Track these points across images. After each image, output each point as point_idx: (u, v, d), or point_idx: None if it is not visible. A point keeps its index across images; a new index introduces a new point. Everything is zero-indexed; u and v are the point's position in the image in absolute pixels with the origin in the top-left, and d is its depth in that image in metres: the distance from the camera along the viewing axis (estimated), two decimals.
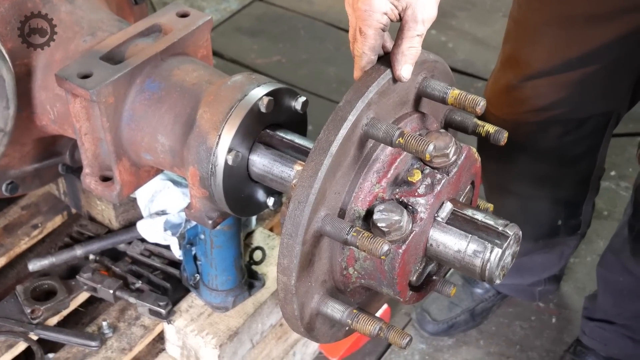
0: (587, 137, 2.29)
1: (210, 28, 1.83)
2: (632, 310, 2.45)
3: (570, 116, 2.21)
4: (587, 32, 2.04)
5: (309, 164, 1.34)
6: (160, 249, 2.32)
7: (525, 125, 2.24)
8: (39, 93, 1.88)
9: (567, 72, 2.12)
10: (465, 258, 1.45)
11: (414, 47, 1.39)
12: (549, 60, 2.13)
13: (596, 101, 2.19)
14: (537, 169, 2.36)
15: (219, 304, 2.20)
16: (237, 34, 4.17)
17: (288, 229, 1.35)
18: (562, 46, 2.10)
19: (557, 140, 2.27)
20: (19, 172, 2.09)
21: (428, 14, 1.38)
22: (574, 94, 2.15)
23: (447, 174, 1.45)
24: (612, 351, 2.60)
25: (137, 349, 2.21)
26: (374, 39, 1.39)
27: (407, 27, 1.38)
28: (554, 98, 2.18)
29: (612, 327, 2.52)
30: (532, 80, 2.18)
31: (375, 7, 1.36)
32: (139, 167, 1.80)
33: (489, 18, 4.29)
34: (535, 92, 2.19)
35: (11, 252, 2.33)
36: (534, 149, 2.30)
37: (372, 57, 1.41)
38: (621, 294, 2.44)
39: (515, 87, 2.23)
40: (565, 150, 2.30)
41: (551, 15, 2.08)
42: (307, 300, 1.45)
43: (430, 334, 2.79)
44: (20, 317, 2.17)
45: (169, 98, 1.69)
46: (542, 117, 2.23)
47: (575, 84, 2.13)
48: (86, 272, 2.23)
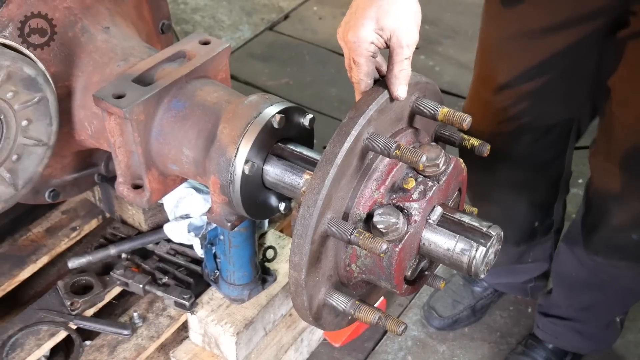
0: (555, 143, 2.27)
1: (228, 54, 1.83)
2: (582, 302, 2.43)
3: (537, 124, 2.19)
4: (542, 43, 2.01)
5: (317, 173, 1.34)
6: (184, 249, 2.31)
7: (500, 136, 2.22)
8: (78, 111, 1.88)
9: (528, 82, 2.09)
10: (454, 255, 1.45)
11: (404, 69, 1.40)
12: (511, 73, 2.11)
13: (558, 108, 2.16)
14: (514, 175, 2.35)
15: (236, 297, 2.20)
16: (250, 59, 4.17)
17: (298, 230, 1.35)
18: (521, 58, 2.07)
19: (529, 148, 2.25)
20: (60, 181, 2.09)
21: (411, 38, 1.38)
22: (537, 103, 2.13)
23: (437, 182, 1.45)
24: (562, 344, 2.58)
25: (164, 336, 2.20)
26: (367, 66, 1.40)
27: (395, 53, 1.39)
28: (521, 108, 2.15)
29: (564, 322, 2.50)
30: (500, 93, 2.15)
31: (362, 38, 1.36)
32: (166, 176, 1.80)
33: (471, 45, 4.24)
34: (504, 104, 2.16)
35: (53, 252, 2.32)
36: (510, 157, 2.29)
37: (368, 81, 1.42)
38: (573, 288, 2.42)
39: (487, 102, 2.21)
40: (536, 156, 2.28)
41: (508, 32, 2.06)
42: (315, 293, 1.45)
43: (437, 329, 2.77)
44: (61, 309, 2.17)
45: (193, 115, 1.69)
46: (513, 127, 2.20)
47: (537, 93, 2.11)
48: (119, 269, 2.23)
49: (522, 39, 2.04)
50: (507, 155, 2.28)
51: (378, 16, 1.35)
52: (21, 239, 2.33)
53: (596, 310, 2.45)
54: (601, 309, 2.45)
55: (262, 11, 4.58)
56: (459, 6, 4.42)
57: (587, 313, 2.46)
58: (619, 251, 2.19)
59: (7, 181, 1.74)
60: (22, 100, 1.67)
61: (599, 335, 2.54)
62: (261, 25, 4.44)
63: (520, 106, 2.15)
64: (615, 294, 2.36)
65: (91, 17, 1.88)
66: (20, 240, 2.33)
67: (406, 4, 1.37)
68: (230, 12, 4.57)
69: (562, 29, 1.98)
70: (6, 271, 2.23)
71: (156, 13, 2.16)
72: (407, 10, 1.37)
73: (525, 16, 2.01)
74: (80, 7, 1.86)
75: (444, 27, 4.35)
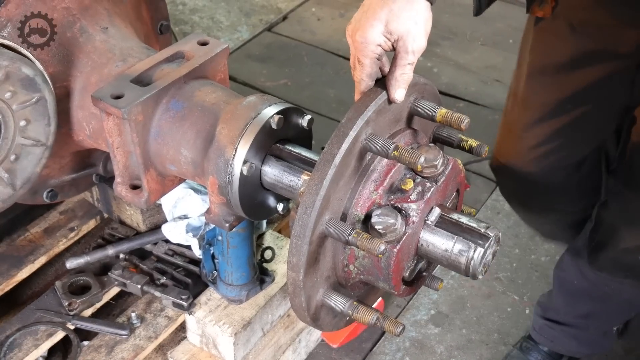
0: (590, 174, 2.22)
1: (227, 55, 1.83)
2: (582, 310, 2.41)
3: (570, 160, 2.15)
4: (573, 76, 1.99)
5: (315, 174, 1.34)
6: (182, 249, 2.31)
7: (531, 175, 2.19)
8: (76, 112, 1.88)
9: (560, 117, 2.07)
10: (452, 256, 1.45)
11: (405, 74, 1.40)
12: (544, 106, 2.08)
13: (589, 139, 2.13)
14: (550, 207, 2.31)
15: (234, 297, 2.20)
16: (248, 60, 4.16)
17: (297, 231, 1.35)
18: (553, 91, 2.05)
19: (563, 182, 2.21)
20: (58, 181, 2.09)
21: (418, 45, 1.38)
22: (569, 136, 2.10)
23: (435, 183, 1.45)
24: (557, 347, 2.56)
25: (162, 337, 2.20)
26: (370, 67, 1.40)
27: (400, 57, 1.39)
28: (553, 145, 2.12)
29: (561, 327, 2.49)
30: (533, 129, 2.12)
31: (370, 40, 1.36)
32: (164, 176, 1.80)
33: (469, 47, 4.29)
34: (537, 140, 2.13)
35: (51, 252, 2.32)
36: (547, 191, 2.25)
37: (369, 83, 1.42)
38: (573, 296, 2.40)
39: (520, 137, 2.17)
40: (571, 190, 2.24)
41: (536, 65, 2.05)
42: (313, 294, 1.44)
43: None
44: (59, 309, 2.17)
45: (191, 116, 1.69)
46: (545, 164, 2.16)
47: (569, 126, 2.08)
48: (117, 270, 2.23)
49: (551, 73, 2.02)
50: (544, 191, 2.24)
51: (388, 19, 1.35)
52: (19, 239, 2.33)
53: (595, 319, 2.43)
54: (600, 319, 2.44)
55: (260, 12, 4.58)
56: (457, 7, 4.42)
57: (585, 321, 2.44)
58: (625, 270, 2.17)
59: (5, 181, 1.74)
60: (20, 101, 1.67)
61: (596, 341, 2.52)
62: (259, 26, 4.44)
63: (552, 143, 2.12)
64: (616, 306, 2.35)
65: (90, 17, 1.88)
66: (18, 241, 2.33)
67: (418, 11, 1.36)
68: (229, 13, 4.57)
69: (592, 64, 1.96)
70: (4, 271, 2.23)
71: (155, 14, 2.16)
72: (417, 17, 1.36)
73: (557, 49, 1.99)
74: (79, 7, 1.86)
75: (442, 29, 4.35)
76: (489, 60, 4.18)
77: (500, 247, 1.49)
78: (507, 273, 2.97)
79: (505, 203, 3.22)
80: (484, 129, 3.67)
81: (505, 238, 3.05)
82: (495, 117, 3.73)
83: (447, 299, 2.89)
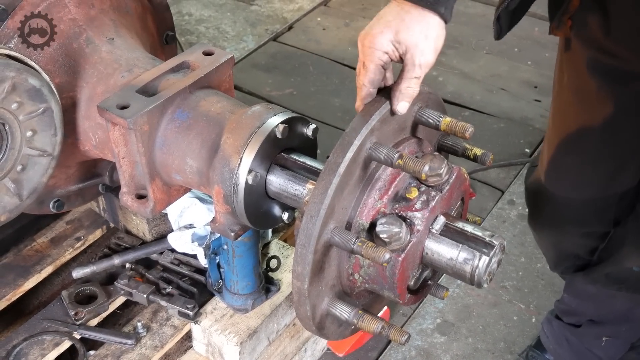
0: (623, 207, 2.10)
1: (232, 65, 1.83)
2: (591, 312, 2.38)
3: (607, 192, 2.05)
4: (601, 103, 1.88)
5: (320, 183, 1.34)
6: (188, 258, 2.31)
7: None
8: (82, 122, 1.89)
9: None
10: (457, 265, 1.45)
11: (411, 87, 1.40)
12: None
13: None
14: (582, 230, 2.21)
15: (240, 306, 2.20)
16: (254, 70, 4.18)
17: (301, 240, 1.35)
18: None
19: (599, 216, 2.12)
20: (64, 191, 2.10)
21: (425, 59, 1.38)
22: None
23: (440, 191, 1.45)
24: (564, 356, 2.52)
25: (167, 346, 2.20)
26: (374, 73, 1.40)
27: (407, 69, 1.39)
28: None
29: (575, 329, 2.46)
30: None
31: (378, 46, 1.37)
32: (170, 186, 1.80)
33: (474, 55, 4.30)
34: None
35: (57, 262, 2.32)
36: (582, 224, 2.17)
37: (371, 89, 1.42)
38: (581, 297, 2.38)
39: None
40: (607, 218, 2.14)
41: (568, 92, 1.96)
42: (318, 303, 1.44)
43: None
44: (65, 319, 2.17)
45: (197, 126, 1.69)
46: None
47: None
48: (123, 279, 2.23)
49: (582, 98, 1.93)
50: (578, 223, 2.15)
51: (399, 28, 1.35)
52: (26, 249, 2.34)
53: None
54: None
55: (266, 22, 4.60)
56: (462, 17, 4.43)
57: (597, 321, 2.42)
58: (618, 283, 2.15)
59: (11, 191, 1.75)
60: (27, 111, 1.68)
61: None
62: (265, 35, 4.46)
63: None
64: (613, 317, 2.34)
65: (96, 28, 1.89)
66: (24, 251, 2.33)
67: (430, 25, 1.37)
68: (235, 23, 4.59)
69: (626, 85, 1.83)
70: (11, 281, 2.23)
71: (160, 24, 2.17)
72: (428, 31, 1.37)
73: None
74: (85, 18, 1.87)
75: (447, 38, 4.23)
76: (494, 69, 4.19)
77: (506, 255, 1.49)
78: (513, 282, 2.97)
79: (511, 211, 3.24)
80: (489, 137, 3.67)
81: (511, 246, 3.04)
82: (500, 126, 3.73)
83: (453, 308, 2.89)
